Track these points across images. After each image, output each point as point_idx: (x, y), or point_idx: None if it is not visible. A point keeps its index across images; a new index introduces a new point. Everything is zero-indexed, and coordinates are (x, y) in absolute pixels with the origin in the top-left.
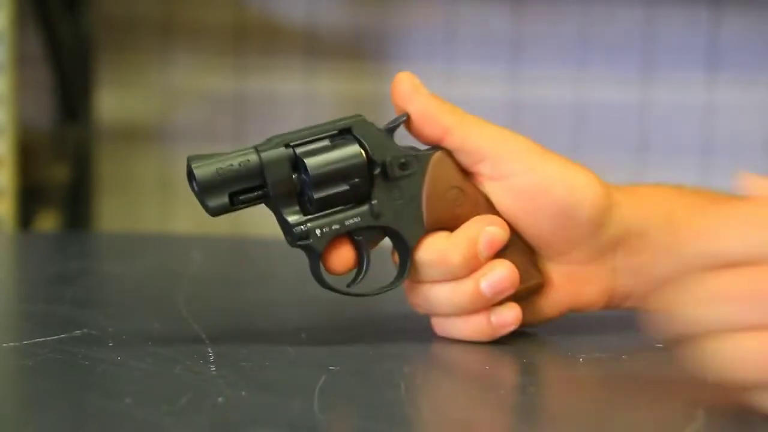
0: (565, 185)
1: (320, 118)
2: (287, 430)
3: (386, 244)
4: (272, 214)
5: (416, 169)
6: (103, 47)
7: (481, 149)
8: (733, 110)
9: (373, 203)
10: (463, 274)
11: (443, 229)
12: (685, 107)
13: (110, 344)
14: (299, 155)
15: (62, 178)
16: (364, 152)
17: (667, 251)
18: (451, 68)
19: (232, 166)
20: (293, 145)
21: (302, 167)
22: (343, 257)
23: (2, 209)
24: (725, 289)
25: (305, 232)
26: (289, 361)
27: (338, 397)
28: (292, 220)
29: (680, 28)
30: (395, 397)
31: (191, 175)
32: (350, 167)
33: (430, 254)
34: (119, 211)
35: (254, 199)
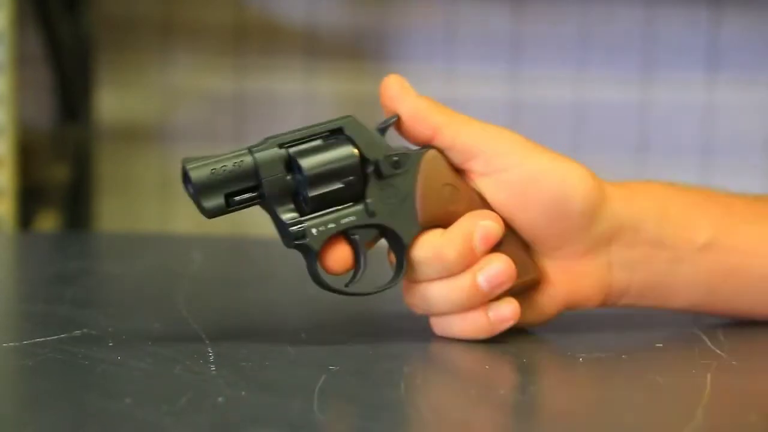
0: (556, 178)
1: (320, 118)
2: (287, 429)
3: (383, 245)
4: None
5: (409, 167)
6: (103, 47)
7: (471, 146)
8: (733, 110)
9: (367, 202)
10: (459, 269)
11: (438, 226)
12: (685, 107)
13: (110, 344)
14: (293, 155)
15: (62, 178)
16: (357, 151)
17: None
18: (451, 68)
19: (226, 167)
20: (287, 145)
21: (296, 167)
22: (340, 256)
23: (2, 209)
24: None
25: (301, 231)
26: (289, 361)
27: (338, 397)
28: (287, 220)
29: (680, 28)
30: (395, 397)
31: (186, 176)
32: (344, 166)
33: (425, 251)
34: (119, 211)
35: (249, 200)
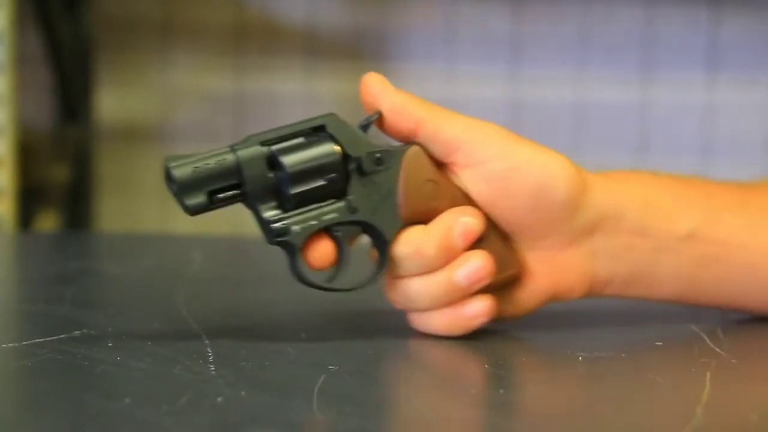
0: (538, 168)
1: None
2: (286, 429)
3: (366, 241)
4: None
5: (391, 164)
6: (103, 47)
7: (454, 139)
8: (733, 110)
9: (349, 198)
10: (438, 265)
11: (420, 222)
12: (685, 107)
13: (110, 344)
14: (275, 152)
15: (62, 178)
16: (338, 148)
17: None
18: (451, 68)
19: (209, 164)
20: (269, 143)
21: (279, 165)
22: (322, 252)
23: (2, 209)
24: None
25: (283, 228)
26: (288, 360)
27: (338, 396)
28: (269, 217)
29: (680, 28)
30: (395, 397)
31: (169, 175)
32: (326, 163)
33: (406, 247)
34: (119, 211)
35: (232, 197)
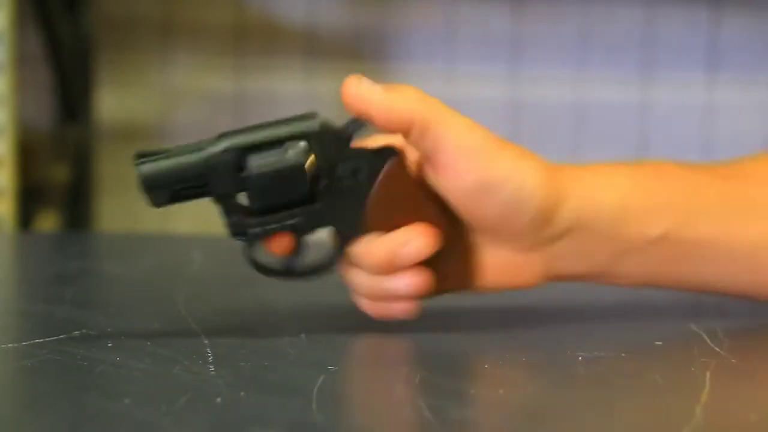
0: (513, 188)
1: None
2: (286, 430)
3: None
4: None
5: (367, 174)
6: (103, 47)
7: (440, 140)
8: (733, 110)
9: (317, 205)
10: (380, 273)
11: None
12: (685, 107)
13: (109, 344)
14: (245, 156)
15: (62, 178)
16: (313, 157)
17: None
18: (451, 68)
19: (178, 164)
20: (242, 147)
21: (247, 172)
22: (280, 244)
23: (2, 209)
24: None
25: (243, 229)
26: (288, 361)
27: (337, 397)
28: (232, 216)
29: (680, 28)
30: (394, 397)
31: (137, 170)
32: (297, 174)
33: (357, 248)
34: (119, 211)
35: (200, 194)
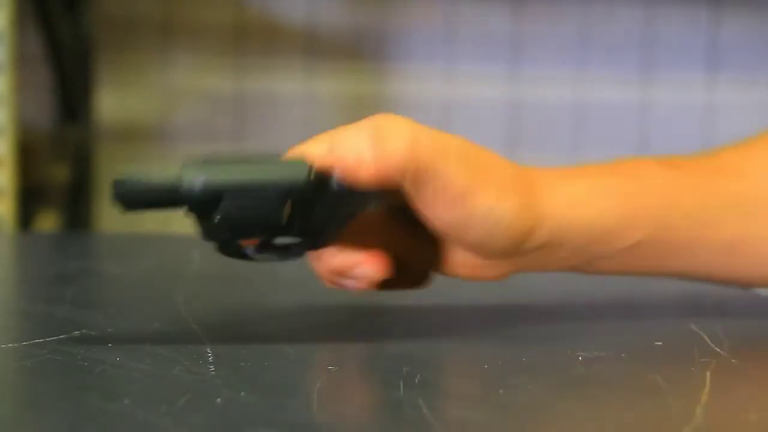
0: (491, 225)
1: (320, 118)
2: (286, 430)
3: None
4: None
5: (342, 218)
6: (103, 47)
7: (426, 186)
8: (733, 110)
9: (287, 231)
10: (329, 277)
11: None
12: (685, 107)
13: (109, 345)
14: (223, 198)
15: (62, 178)
16: (291, 209)
17: None
18: (451, 68)
19: (157, 196)
20: (223, 187)
21: (222, 212)
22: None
23: (2, 209)
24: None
25: (214, 238)
26: (288, 361)
27: (337, 397)
28: (202, 225)
29: (680, 28)
30: (395, 397)
31: (116, 195)
32: (273, 223)
33: (314, 253)
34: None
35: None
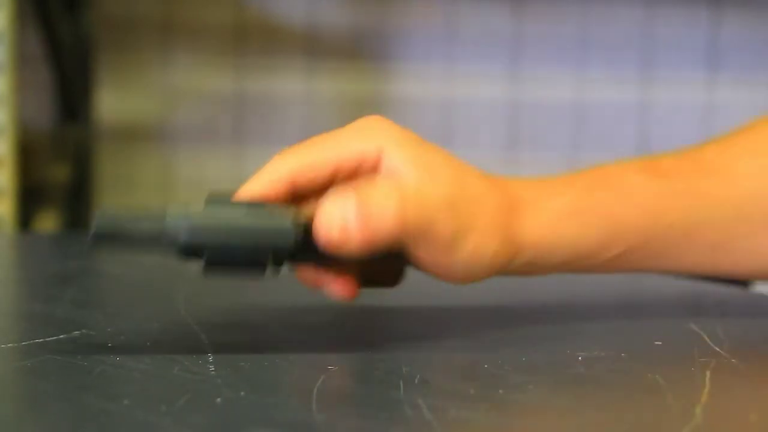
0: (473, 265)
1: (320, 118)
2: (286, 430)
3: None
4: None
5: (326, 263)
6: (103, 47)
7: (419, 227)
8: (733, 110)
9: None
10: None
11: None
12: (685, 107)
13: (109, 345)
14: (204, 248)
15: (62, 178)
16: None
17: None
18: (451, 68)
19: (140, 243)
20: (209, 246)
21: (205, 263)
22: None
23: (2, 209)
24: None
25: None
26: (287, 361)
27: (337, 397)
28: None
29: (680, 28)
30: (394, 396)
31: (95, 235)
32: (255, 274)
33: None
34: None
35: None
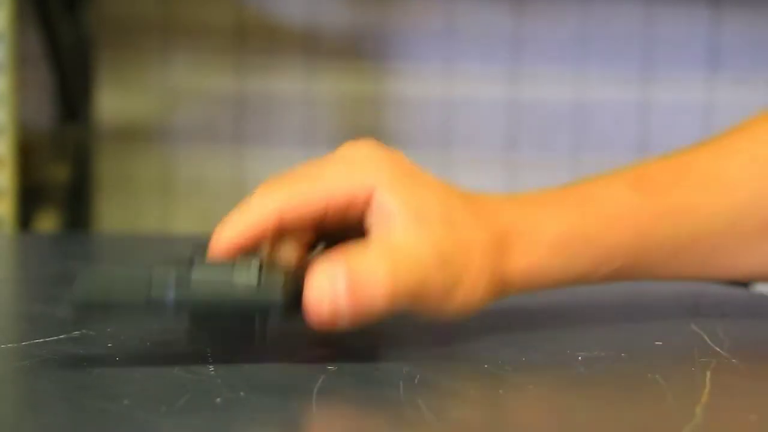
0: (460, 311)
1: (320, 118)
2: (286, 430)
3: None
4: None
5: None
6: (103, 47)
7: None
8: (733, 110)
9: None
10: None
11: None
12: (685, 107)
13: (109, 345)
14: (197, 316)
15: (62, 178)
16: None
17: None
18: (450, 67)
19: (126, 304)
20: (195, 309)
21: (191, 322)
22: None
23: (2, 209)
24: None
25: None
26: (288, 361)
27: (337, 397)
28: None
29: (680, 27)
30: (394, 397)
31: (80, 296)
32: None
33: None
34: (119, 211)
35: None
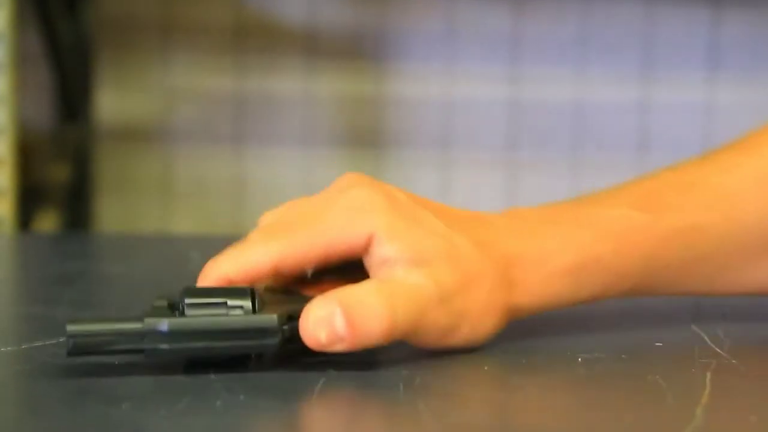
0: (463, 346)
1: (320, 118)
2: None
3: None
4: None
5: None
6: (103, 47)
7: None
8: (733, 110)
9: None
10: None
11: None
12: (685, 107)
13: None
14: (193, 357)
15: (62, 178)
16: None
17: None
18: (450, 68)
19: (118, 351)
20: (191, 354)
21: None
22: None
23: (2, 209)
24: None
25: None
26: (287, 363)
27: (337, 399)
28: None
29: (680, 27)
30: (394, 399)
31: (71, 347)
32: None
33: None
34: (119, 211)
35: None
